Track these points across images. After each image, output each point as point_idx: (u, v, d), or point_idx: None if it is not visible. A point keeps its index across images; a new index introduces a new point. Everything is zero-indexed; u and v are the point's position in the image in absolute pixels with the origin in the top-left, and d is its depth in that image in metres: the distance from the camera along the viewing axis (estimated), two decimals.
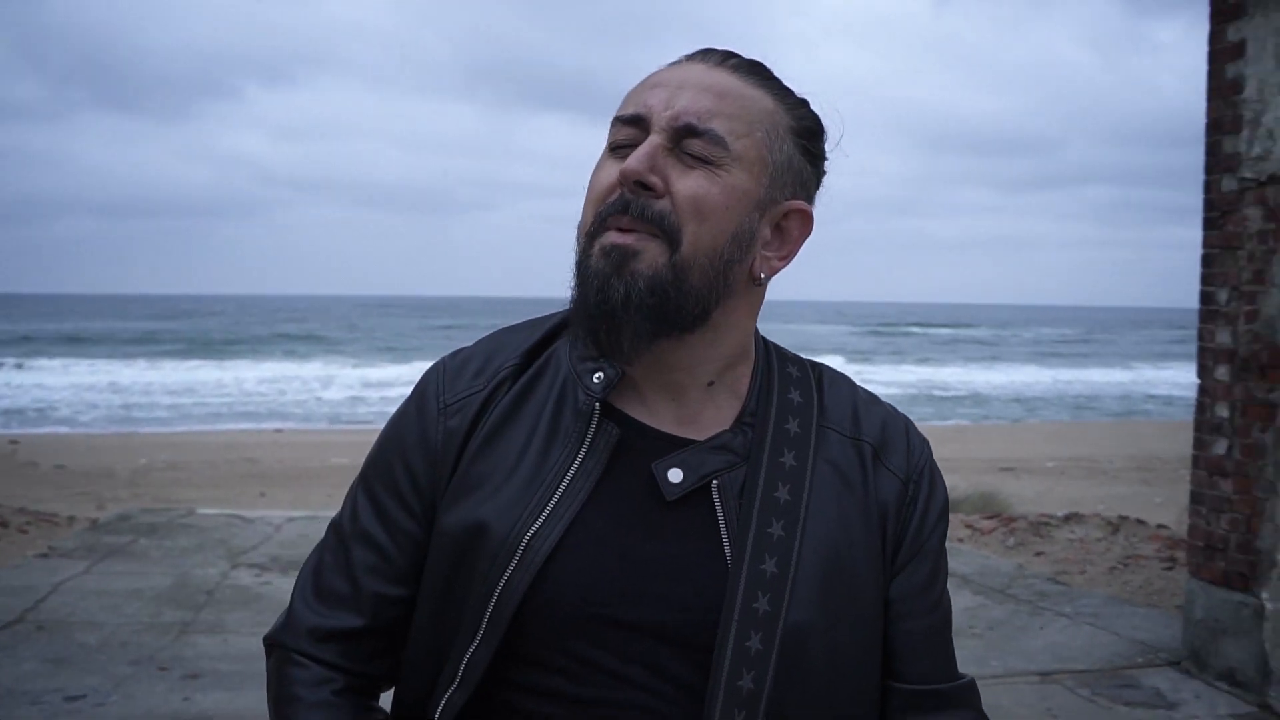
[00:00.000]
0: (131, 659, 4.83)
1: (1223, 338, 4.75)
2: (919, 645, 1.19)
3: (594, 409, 1.14)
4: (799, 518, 1.12)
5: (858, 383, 1.28)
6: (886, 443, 1.21)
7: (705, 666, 1.08)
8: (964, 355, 49.84)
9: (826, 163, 1.19)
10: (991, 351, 53.41)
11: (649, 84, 1.14)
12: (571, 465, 1.12)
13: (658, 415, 1.16)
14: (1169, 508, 9.47)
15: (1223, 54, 4.80)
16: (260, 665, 4.66)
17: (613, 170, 1.12)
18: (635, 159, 1.09)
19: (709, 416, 1.16)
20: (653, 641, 1.09)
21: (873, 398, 1.25)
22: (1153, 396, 31.66)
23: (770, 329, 1.24)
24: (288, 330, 59.28)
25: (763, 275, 1.15)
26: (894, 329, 73.16)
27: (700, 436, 1.15)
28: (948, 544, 1.28)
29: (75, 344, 45.25)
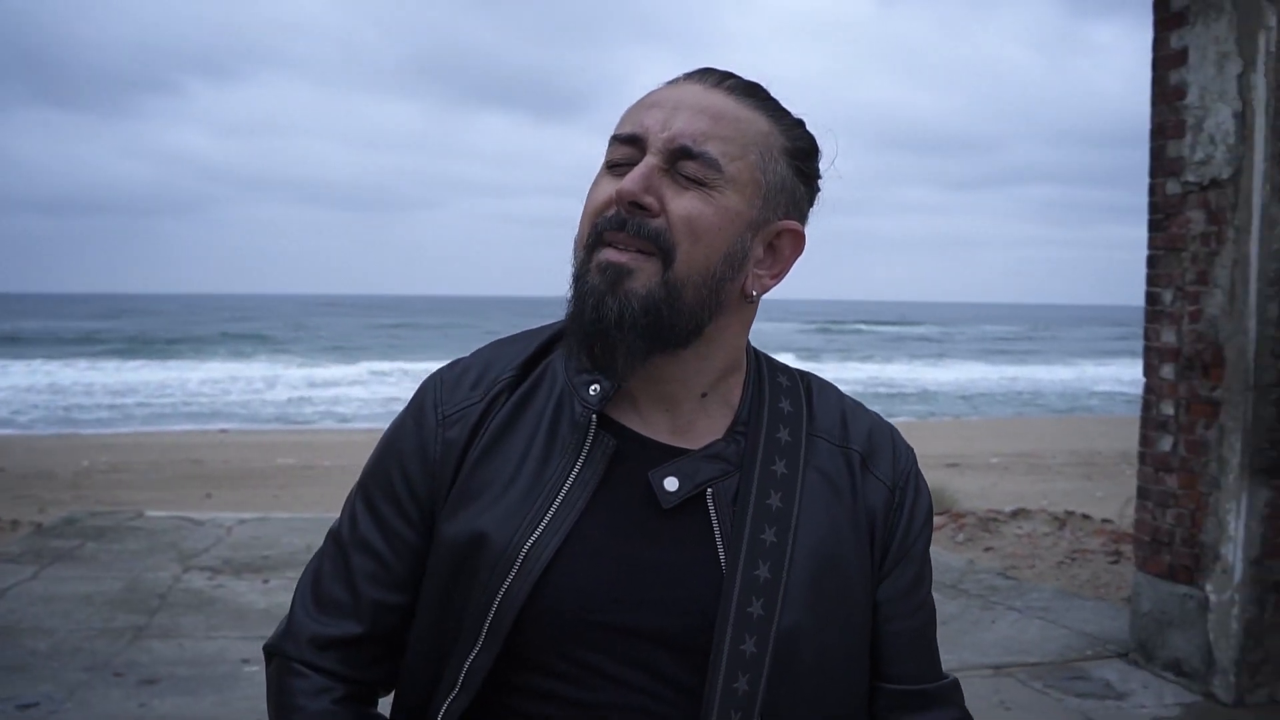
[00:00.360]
0: (85, 665, 4.76)
1: (1168, 337, 4.87)
2: (905, 647, 1.23)
3: (591, 421, 1.16)
4: (791, 524, 1.15)
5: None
6: (873, 451, 1.24)
7: (702, 669, 1.11)
8: (910, 352, 50.39)
9: (820, 180, 1.22)
10: (937, 349, 54.07)
11: (646, 103, 1.17)
12: (569, 476, 1.15)
13: (652, 425, 1.19)
14: (1111, 501, 9.68)
15: (1166, 61, 4.92)
16: (217, 669, 4.59)
17: (609, 187, 1.14)
18: (631, 180, 1.11)
19: (702, 426, 1.19)
20: (651, 645, 1.12)
21: (859, 405, 1.29)
22: (1095, 393, 32.24)
23: None
24: (232, 329, 58.47)
25: (755, 292, 1.18)
26: (841, 327, 73.76)
27: (694, 446, 1.18)
28: None
29: (13, 344, 44.26)
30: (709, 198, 1.12)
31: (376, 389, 30.16)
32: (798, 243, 1.20)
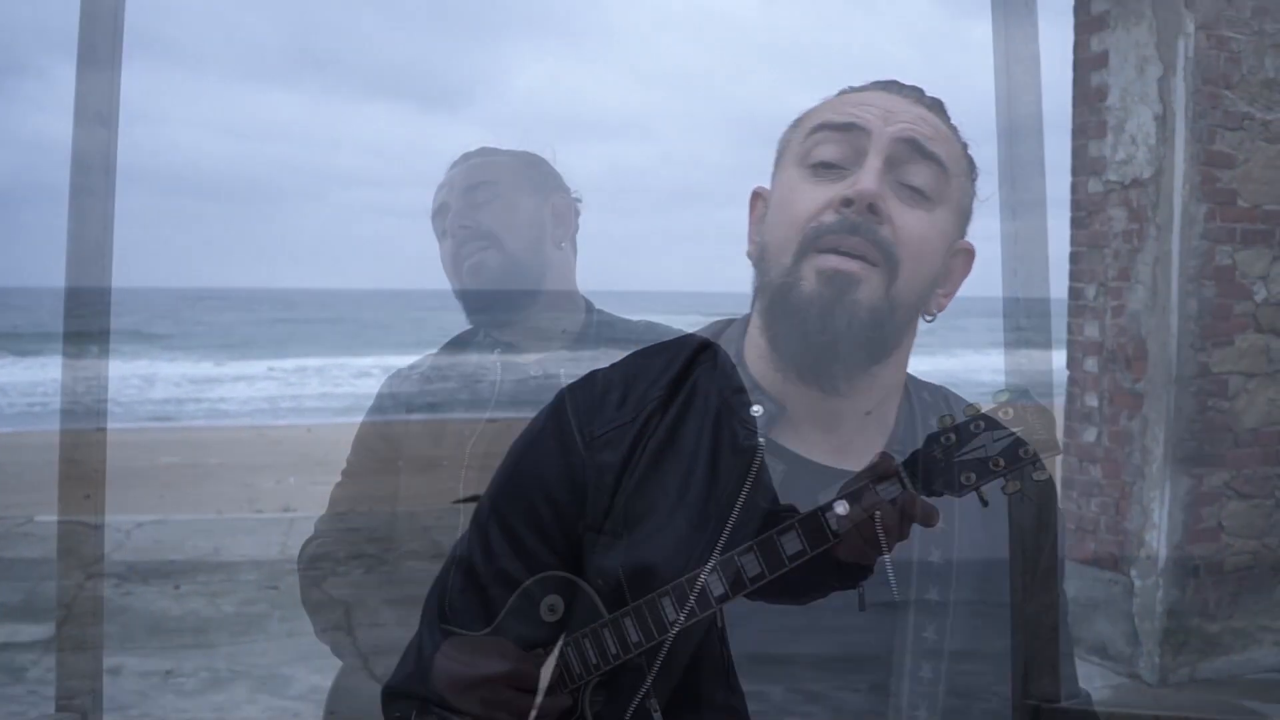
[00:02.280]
0: None
1: (1091, 331, 5.02)
2: (1045, 664, 1.21)
3: (757, 445, 1.09)
4: (952, 545, 1.12)
5: None
6: None
7: (879, 695, 1.08)
8: None
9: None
10: None
11: (851, 102, 1.12)
12: (737, 502, 1.08)
13: (810, 445, 1.13)
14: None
15: (1087, 63, 5.07)
16: (139, 682, 4.36)
17: (825, 191, 1.08)
18: (871, 180, 1.06)
19: (860, 446, 1.13)
20: (829, 674, 1.08)
21: None
22: (979, 383, 33.28)
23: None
24: (107, 324, 56.17)
25: (935, 312, 1.15)
26: (727, 318, 74.25)
27: (854, 467, 1.11)
28: None
29: None
30: (931, 218, 1.09)
31: (264, 385, 29.34)
32: (969, 261, 1.17)
